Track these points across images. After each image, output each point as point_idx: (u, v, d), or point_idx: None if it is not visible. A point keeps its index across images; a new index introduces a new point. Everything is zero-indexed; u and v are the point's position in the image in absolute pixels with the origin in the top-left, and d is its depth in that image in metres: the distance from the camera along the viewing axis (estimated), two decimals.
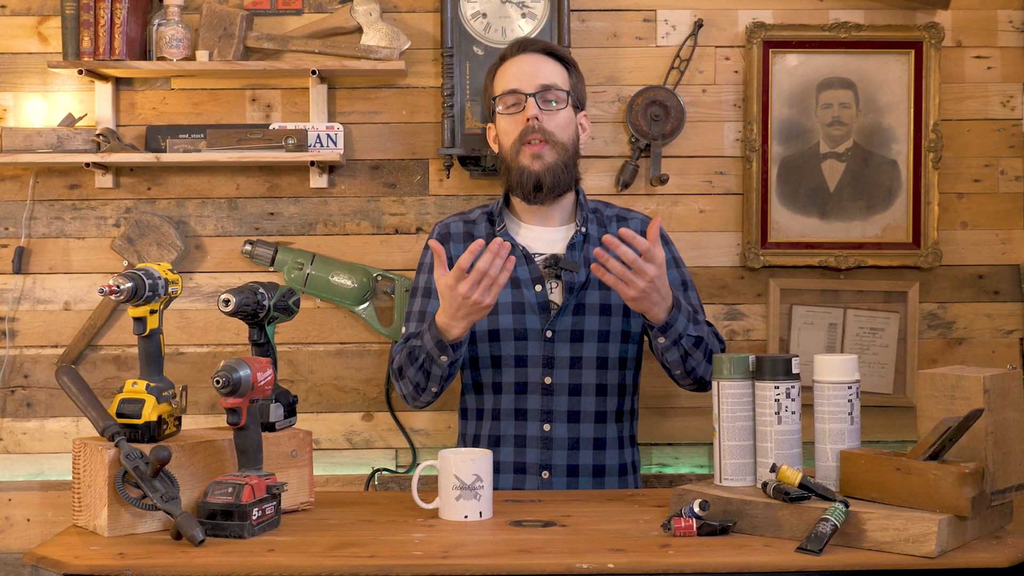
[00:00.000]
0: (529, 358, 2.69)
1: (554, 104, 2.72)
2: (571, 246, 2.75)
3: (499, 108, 2.75)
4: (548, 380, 2.69)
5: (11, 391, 3.41)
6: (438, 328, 2.51)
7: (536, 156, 2.68)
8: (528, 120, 2.68)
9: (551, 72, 2.74)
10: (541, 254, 2.75)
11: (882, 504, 2.01)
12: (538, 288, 2.71)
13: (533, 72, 2.73)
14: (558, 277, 2.72)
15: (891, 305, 3.41)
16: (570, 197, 2.80)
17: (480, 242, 2.38)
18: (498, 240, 2.41)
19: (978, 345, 3.45)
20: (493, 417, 2.74)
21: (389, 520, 2.24)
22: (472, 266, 2.39)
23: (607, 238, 2.38)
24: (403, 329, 2.79)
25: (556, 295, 2.72)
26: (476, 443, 2.78)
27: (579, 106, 2.80)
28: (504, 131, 2.75)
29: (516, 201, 2.81)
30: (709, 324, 2.75)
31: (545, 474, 2.70)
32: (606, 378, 2.73)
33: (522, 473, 2.71)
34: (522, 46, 2.78)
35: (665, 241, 2.82)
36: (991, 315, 3.45)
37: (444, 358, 2.55)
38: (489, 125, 2.86)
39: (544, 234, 2.79)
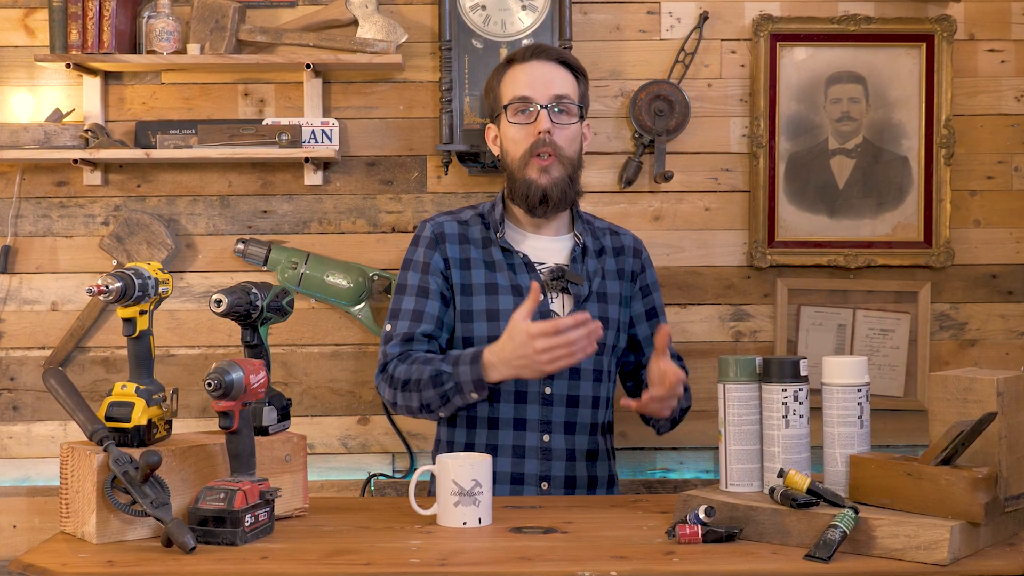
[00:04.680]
0: None
1: (566, 117, 2.71)
2: (573, 259, 2.75)
3: (508, 115, 2.72)
4: (548, 390, 2.69)
5: None
6: (483, 364, 2.50)
7: (544, 170, 2.68)
8: (540, 133, 2.68)
9: (564, 82, 2.72)
10: (542, 263, 2.75)
11: (893, 510, 2.00)
12: (539, 297, 2.68)
13: (547, 81, 2.71)
14: (564, 289, 2.73)
15: (902, 306, 3.42)
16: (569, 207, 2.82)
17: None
18: (596, 324, 2.42)
19: (991, 347, 3.45)
20: (490, 426, 2.72)
21: (385, 527, 2.23)
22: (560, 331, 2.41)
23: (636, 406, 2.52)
24: (387, 327, 2.73)
25: (557, 305, 2.72)
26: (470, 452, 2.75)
27: (583, 116, 2.79)
28: (512, 139, 2.73)
29: (514, 208, 2.80)
30: (678, 358, 2.84)
31: (544, 485, 2.69)
32: (600, 391, 2.74)
33: (520, 484, 2.70)
34: (536, 52, 2.75)
35: (649, 262, 2.87)
36: (1005, 316, 3.45)
37: (475, 395, 2.54)
38: (489, 125, 2.84)
39: (543, 243, 2.78)
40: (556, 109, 2.68)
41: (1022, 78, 3.42)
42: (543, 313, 2.68)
